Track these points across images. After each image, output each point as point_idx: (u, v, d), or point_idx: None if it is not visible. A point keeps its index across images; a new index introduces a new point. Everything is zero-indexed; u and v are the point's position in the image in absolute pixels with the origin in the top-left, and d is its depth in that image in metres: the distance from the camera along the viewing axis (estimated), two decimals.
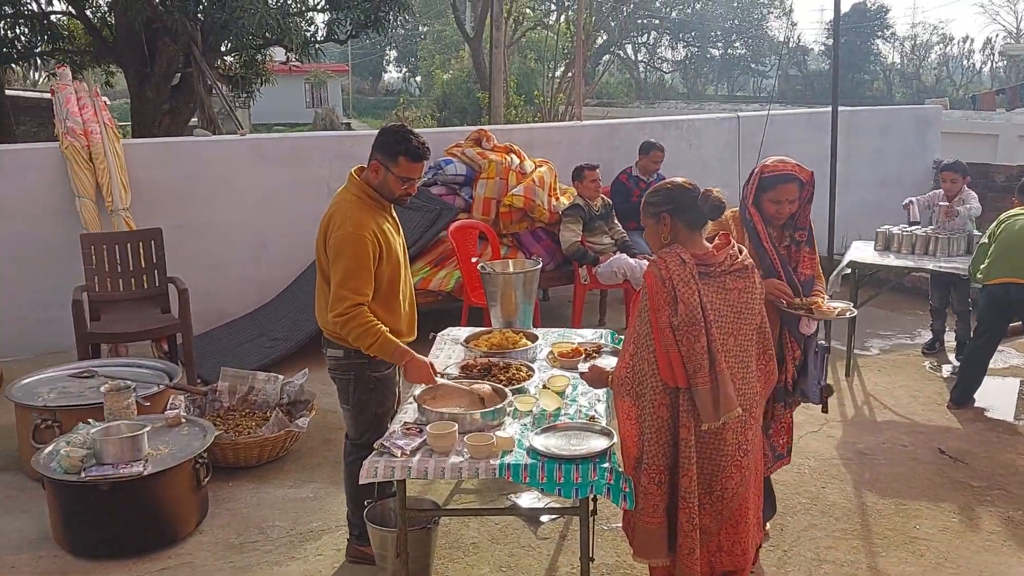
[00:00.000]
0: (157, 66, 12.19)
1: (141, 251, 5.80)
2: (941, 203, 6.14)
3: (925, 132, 9.81)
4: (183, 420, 4.19)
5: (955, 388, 5.37)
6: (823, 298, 3.40)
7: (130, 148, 6.50)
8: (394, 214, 3.43)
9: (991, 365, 5.44)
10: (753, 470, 2.90)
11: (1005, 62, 37.11)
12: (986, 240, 5.20)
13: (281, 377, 5.00)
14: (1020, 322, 6.17)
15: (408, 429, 3.01)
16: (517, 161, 7.00)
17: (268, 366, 5.59)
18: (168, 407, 4.32)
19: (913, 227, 6.14)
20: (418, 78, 49.38)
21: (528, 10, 24.96)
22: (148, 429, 3.88)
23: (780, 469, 3.63)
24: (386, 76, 60.26)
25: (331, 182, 7.01)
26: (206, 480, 3.94)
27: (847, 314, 3.47)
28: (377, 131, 3.51)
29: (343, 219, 3.22)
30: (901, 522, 3.94)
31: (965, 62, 43.58)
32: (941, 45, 43.66)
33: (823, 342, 3.61)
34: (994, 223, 5.23)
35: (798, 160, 3.34)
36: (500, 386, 3.25)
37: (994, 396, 5.49)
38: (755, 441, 2.90)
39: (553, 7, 28.69)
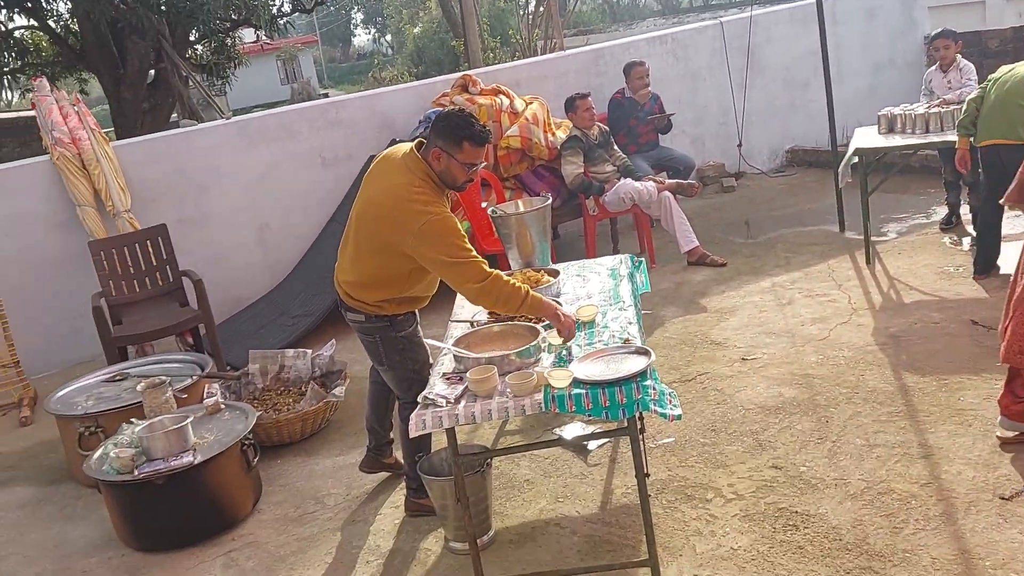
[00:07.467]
0: (129, 65, 12.10)
1: (150, 249, 5.80)
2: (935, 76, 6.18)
3: (911, 8, 9.61)
4: (222, 406, 4.23)
5: (976, 258, 5.34)
6: None
7: (119, 150, 6.46)
8: (450, 198, 3.35)
9: (1010, 231, 5.40)
10: None
11: None
12: (975, 95, 5.08)
13: (309, 351, 5.02)
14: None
15: (449, 378, 3.02)
16: (507, 101, 6.90)
17: (293, 343, 5.62)
18: (205, 396, 4.36)
19: (915, 105, 6.06)
20: (388, 37, 48.72)
21: None
22: (191, 419, 3.92)
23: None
24: (356, 40, 59.61)
25: (323, 152, 6.96)
26: (255, 460, 3.98)
27: None
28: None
29: (422, 206, 3.08)
30: (945, 397, 3.96)
31: None
32: None
33: None
34: (988, 80, 5.11)
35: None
36: (532, 324, 3.25)
37: (1015, 259, 5.45)
38: None
39: None
